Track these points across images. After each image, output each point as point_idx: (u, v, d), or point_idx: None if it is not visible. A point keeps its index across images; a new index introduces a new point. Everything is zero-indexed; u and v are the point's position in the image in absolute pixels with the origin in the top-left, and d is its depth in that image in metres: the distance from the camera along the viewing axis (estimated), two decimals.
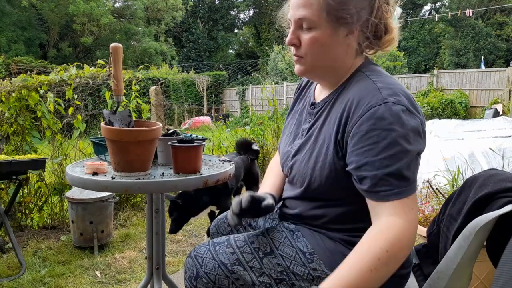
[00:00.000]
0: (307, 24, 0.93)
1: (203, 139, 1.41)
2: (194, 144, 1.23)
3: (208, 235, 2.64)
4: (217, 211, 2.74)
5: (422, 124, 0.89)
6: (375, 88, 0.88)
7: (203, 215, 2.65)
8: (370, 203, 0.86)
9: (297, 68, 1.03)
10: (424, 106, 8.75)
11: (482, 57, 18.68)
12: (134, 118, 1.36)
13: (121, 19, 25.18)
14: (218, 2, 30.12)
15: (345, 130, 0.90)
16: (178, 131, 1.48)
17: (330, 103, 1.01)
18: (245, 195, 1.03)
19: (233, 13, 31.89)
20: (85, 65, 3.26)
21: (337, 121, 0.93)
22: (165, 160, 1.37)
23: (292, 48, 1.01)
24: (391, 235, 0.79)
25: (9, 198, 2.60)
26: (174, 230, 2.11)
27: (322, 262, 0.98)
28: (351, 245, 0.91)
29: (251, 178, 2.86)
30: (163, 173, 1.22)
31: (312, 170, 0.98)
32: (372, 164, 0.83)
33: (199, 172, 1.24)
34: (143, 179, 1.13)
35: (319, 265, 0.98)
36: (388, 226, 0.81)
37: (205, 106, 16.41)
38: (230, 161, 1.45)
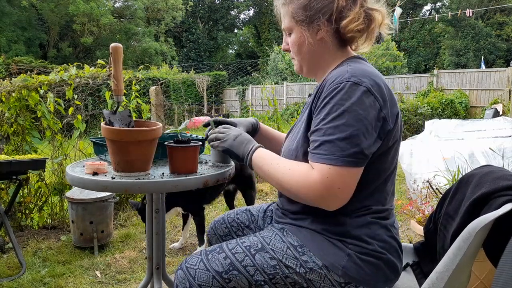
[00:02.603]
0: (288, 31, 1.12)
1: (203, 140, 1.40)
2: (190, 145, 1.22)
3: (200, 244, 2.62)
4: (190, 217, 2.70)
5: (381, 109, 0.95)
6: (346, 71, 0.98)
7: (171, 216, 2.62)
8: (310, 162, 0.98)
9: (294, 67, 1.21)
10: (424, 106, 8.74)
11: (482, 57, 18.66)
12: (134, 118, 1.36)
13: (121, 19, 25.17)
14: (218, 2, 30.11)
15: (316, 105, 1.01)
16: (180, 132, 1.48)
17: (317, 89, 1.09)
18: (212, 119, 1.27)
19: (233, 13, 31.89)
20: (85, 65, 3.26)
21: (312, 98, 1.07)
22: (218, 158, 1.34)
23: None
24: (304, 179, 0.95)
25: (9, 198, 2.60)
26: None
27: (313, 253, 1.00)
28: (333, 233, 1.01)
29: (243, 182, 2.75)
30: (163, 173, 1.22)
31: (292, 145, 1.09)
32: (320, 131, 0.95)
33: (195, 172, 1.24)
34: (143, 179, 1.13)
35: (310, 257, 1.00)
36: (309, 175, 0.95)
37: (205, 106, 16.40)
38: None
